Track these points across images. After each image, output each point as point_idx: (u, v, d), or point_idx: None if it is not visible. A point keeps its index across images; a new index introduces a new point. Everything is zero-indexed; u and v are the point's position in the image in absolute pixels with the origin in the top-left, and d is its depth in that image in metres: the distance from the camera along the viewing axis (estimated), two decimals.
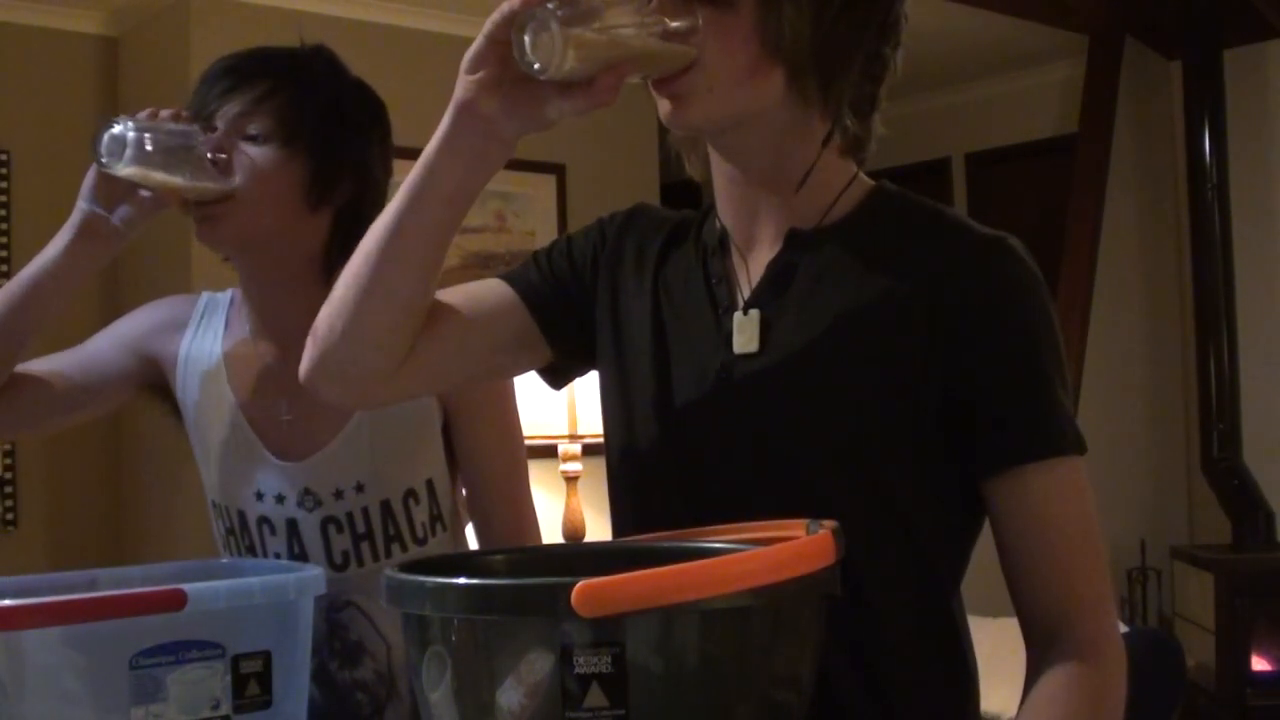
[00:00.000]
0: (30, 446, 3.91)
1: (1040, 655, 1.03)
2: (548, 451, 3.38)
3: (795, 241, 1.10)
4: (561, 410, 3.34)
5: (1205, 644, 4.28)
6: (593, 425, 3.30)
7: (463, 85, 0.97)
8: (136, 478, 3.98)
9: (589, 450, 3.39)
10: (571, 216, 4.49)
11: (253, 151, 1.39)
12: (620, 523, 1.18)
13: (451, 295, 1.17)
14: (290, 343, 1.37)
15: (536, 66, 0.91)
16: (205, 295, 1.57)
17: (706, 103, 1.03)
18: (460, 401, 1.48)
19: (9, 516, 3.94)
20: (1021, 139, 5.46)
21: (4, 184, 3.95)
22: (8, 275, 3.94)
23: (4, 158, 3.94)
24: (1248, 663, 4.23)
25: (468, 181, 1.03)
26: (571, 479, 3.46)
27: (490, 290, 1.19)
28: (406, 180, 1.04)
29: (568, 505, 3.46)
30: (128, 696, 1.06)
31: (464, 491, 1.56)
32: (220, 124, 1.40)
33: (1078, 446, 1.05)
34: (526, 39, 0.91)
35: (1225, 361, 4.57)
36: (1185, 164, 4.71)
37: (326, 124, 1.42)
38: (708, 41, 1.00)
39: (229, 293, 1.57)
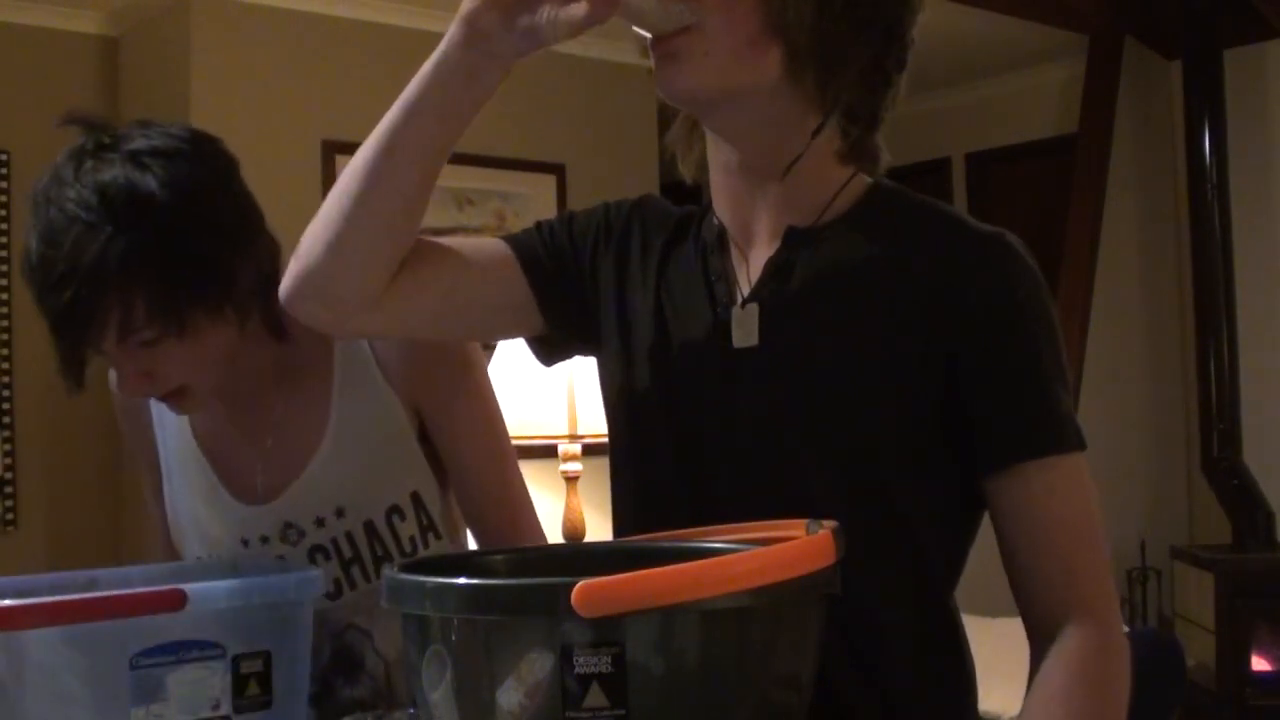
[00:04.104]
0: (30, 446, 3.91)
1: (1043, 650, 1.03)
2: (548, 451, 3.37)
3: (793, 239, 1.10)
4: (561, 410, 3.33)
5: (1205, 644, 4.28)
6: (593, 425, 3.29)
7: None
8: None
9: (589, 450, 3.38)
10: None
11: (166, 354, 1.25)
12: (622, 519, 1.18)
13: (450, 241, 1.16)
14: (245, 390, 1.39)
15: None
16: None
17: (701, 67, 1.03)
18: (433, 405, 1.41)
19: (9, 516, 3.94)
20: (1021, 139, 5.46)
21: (4, 184, 3.94)
22: (8, 275, 3.94)
23: (4, 158, 3.94)
24: (1248, 663, 4.22)
25: (461, 99, 1.03)
26: (571, 479, 3.45)
27: (490, 246, 1.19)
28: (400, 97, 1.04)
29: (568, 505, 3.46)
30: (128, 696, 1.06)
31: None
32: (112, 354, 1.25)
33: (1078, 443, 1.05)
34: None
35: (1225, 361, 4.56)
36: (1185, 164, 4.71)
37: (206, 291, 1.23)
38: (712, 7, 1.01)
39: None
